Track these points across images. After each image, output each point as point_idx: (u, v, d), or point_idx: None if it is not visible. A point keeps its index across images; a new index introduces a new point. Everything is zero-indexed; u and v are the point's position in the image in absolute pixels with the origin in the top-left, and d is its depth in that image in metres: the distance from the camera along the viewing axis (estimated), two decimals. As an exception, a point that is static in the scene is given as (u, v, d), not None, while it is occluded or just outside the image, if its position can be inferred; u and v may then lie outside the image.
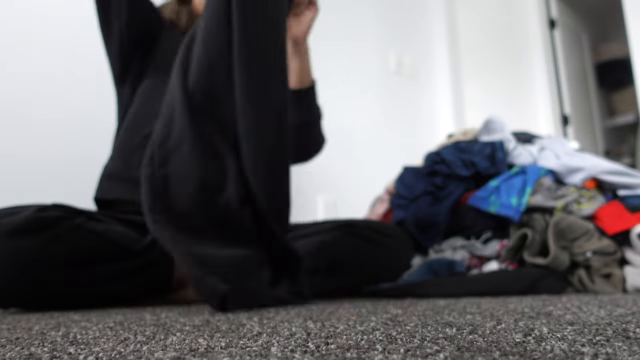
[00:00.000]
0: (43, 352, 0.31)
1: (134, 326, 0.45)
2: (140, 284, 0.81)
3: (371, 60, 2.17)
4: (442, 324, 0.40)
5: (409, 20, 2.40)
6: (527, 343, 0.30)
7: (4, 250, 0.68)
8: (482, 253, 0.98)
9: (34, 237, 0.70)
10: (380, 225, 1.00)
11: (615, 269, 0.86)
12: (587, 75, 2.96)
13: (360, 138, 2.02)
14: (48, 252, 0.71)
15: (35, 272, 0.70)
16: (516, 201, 0.96)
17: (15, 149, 1.22)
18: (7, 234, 0.69)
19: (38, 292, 0.71)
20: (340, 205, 1.86)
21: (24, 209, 0.73)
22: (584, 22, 3.05)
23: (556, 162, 1.04)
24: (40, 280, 0.71)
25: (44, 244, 0.71)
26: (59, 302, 0.74)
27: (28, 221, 0.70)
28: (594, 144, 2.83)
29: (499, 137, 1.14)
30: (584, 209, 0.94)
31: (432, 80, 2.44)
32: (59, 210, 0.76)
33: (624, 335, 0.32)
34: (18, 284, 0.70)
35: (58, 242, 0.72)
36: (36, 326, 0.48)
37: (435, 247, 1.05)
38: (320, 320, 0.45)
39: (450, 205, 1.06)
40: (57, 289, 0.73)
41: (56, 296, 0.73)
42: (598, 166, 1.00)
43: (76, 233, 0.74)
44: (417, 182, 1.15)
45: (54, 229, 0.72)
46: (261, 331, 0.38)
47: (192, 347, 0.32)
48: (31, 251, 0.70)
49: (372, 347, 0.30)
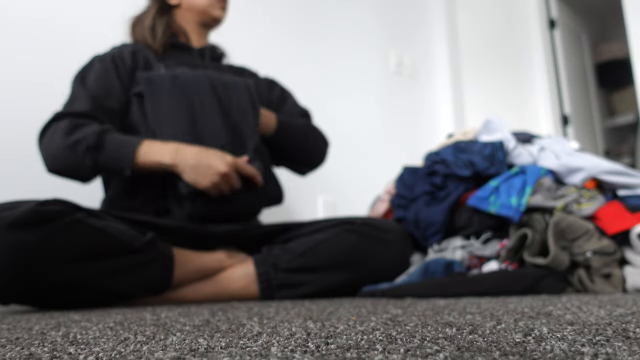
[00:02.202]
0: (43, 352, 0.31)
1: (134, 326, 0.45)
2: (140, 281, 0.81)
3: (371, 60, 2.17)
4: (442, 324, 0.40)
5: (409, 20, 2.40)
6: (527, 343, 0.30)
7: (4, 244, 0.68)
8: (481, 253, 0.98)
9: (34, 230, 0.70)
10: (379, 221, 1.01)
11: (615, 269, 0.86)
12: (587, 75, 2.97)
13: (360, 138, 2.02)
14: (48, 247, 0.71)
15: (35, 266, 0.70)
16: (516, 201, 0.96)
17: (16, 148, 1.22)
18: (7, 228, 0.68)
19: (37, 286, 0.71)
20: (340, 205, 1.86)
21: (24, 203, 0.73)
22: (584, 22, 3.05)
23: (556, 162, 1.04)
24: (40, 274, 0.71)
25: (43, 238, 0.71)
26: (58, 297, 0.74)
27: (28, 215, 0.70)
28: (594, 144, 2.83)
29: (499, 137, 1.14)
30: (584, 209, 0.94)
31: (432, 80, 2.44)
32: (59, 204, 0.76)
33: (624, 335, 0.32)
34: (17, 278, 0.69)
35: (58, 237, 0.72)
36: (36, 326, 0.48)
37: (434, 247, 1.05)
38: (320, 320, 0.45)
39: (450, 205, 1.06)
40: (56, 284, 0.72)
41: (55, 291, 0.73)
42: (598, 166, 1.00)
43: (76, 228, 0.74)
44: (416, 182, 1.15)
45: (54, 223, 0.72)
46: (261, 331, 0.38)
47: (192, 347, 0.32)
48: (31, 245, 0.69)
49: (372, 347, 0.30)
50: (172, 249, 0.86)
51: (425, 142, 2.22)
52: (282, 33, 1.85)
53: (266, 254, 0.92)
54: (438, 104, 2.43)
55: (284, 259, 0.91)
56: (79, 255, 0.74)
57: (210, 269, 0.91)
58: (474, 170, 1.07)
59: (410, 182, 1.16)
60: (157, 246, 0.83)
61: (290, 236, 0.99)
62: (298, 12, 1.93)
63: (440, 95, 2.44)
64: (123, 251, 0.78)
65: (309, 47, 1.91)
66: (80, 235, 0.75)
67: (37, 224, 0.71)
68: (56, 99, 1.06)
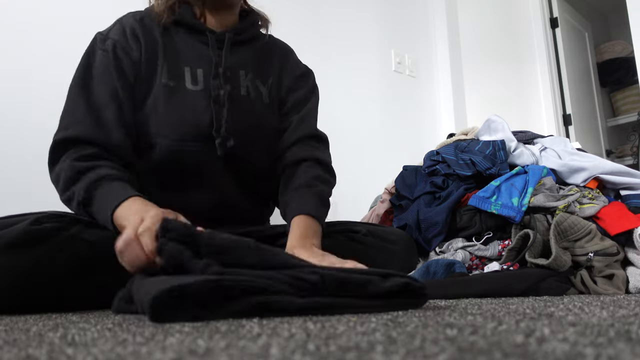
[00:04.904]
0: (41, 354, 0.31)
1: (133, 327, 0.45)
2: None
3: (372, 59, 2.17)
4: (443, 325, 0.40)
5: (410, 19, 2.40)
6: (529, 344, 0.29)
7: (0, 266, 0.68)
8: (483, 254, 0.98)
9: (29, 252, 0.69)
10: (384, 231, 0.98)
11: (617, 270, 0.85)
12: (590, 75, 2.96)
13: (360, 137, 2.02)
14: (43, 267, 0.70)
15: (30, 287, 0.70)
16: (517, 201, 0.95)
17: (15, 148, 1.23)
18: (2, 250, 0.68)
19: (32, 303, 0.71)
20: (340, 205, 1.86)
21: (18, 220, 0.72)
22: (587, 21, 3.04)
23: (558, 162, 1.04)
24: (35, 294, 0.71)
25: (38, 259, 0.70)
26: (52, 307, 0.74)
27: (21, 236, 0.69)
28: (596, 143, 2.82)
29: (500, 136, 1.13)
30: (586, 209, 0.93)
31: (433, 79, 2.43)
32: (54, 220, 0.74)
33: (627, 336, 0.31)
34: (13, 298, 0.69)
35: (53, 257, 0.71)
36: (34, 327, 0.47)
37: (436, 249, 1.05)
38: (320, 321, 0.45)
39: (451, 205, 1.05)
40: (52, 300, 0.73)
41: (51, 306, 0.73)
42: (600, 166, 1.00)
43: (71, 244, 0.73)
44: (417, 181, 1.15)
45: (48, 242, 0.71)
46: (261, 332, 0.38)
47: (191, 348, 0.31)
48: (26, 267, 0.69)
49: (373, 348, 0.29)
50: None
51: (425, 141, 2.22)
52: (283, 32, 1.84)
53: None
54: (439, 103, 2.42)
55: None
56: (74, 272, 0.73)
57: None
58: (475, 170, 1.07)
59: (410, 182, 1.16)
60: None
61: None
62: (299, 10, 1.93)
63: (441, 95, 2.43)
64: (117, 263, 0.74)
65: (309, 47, 1.91)
66: (75, 252, 0.73)
67: (32, 245, 0.70)
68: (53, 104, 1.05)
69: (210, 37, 0.93)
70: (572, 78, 2.57)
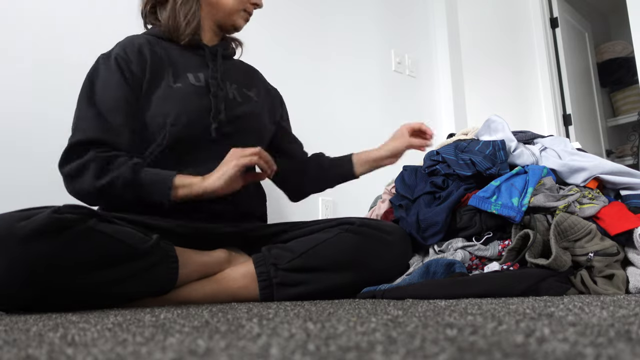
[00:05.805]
0: (41, 354, 0.31)
1: (133, 327, 0.45)
2: (147, 283, 0.81)
3: (372, 59, 2.17)
4: (443, 325, 0.40)
5: (410, 19, 2.40)
6: (529, 344, 0.29)
7: (19, 256, 0.68)
8: (483, 254, 0.98)
9: (50, 240, 0.70)
10: (378, 222, 1.02)
11: (618, 270, 0.85)
12: (590, 75, 2.95)
13: (360, 137, 2.01)
14: (62, 257, 0.71)
15: (48, 276, 0.70)
16: (517, 201, 0.95)
17: (15, 148, 1.22)
18: (24, 239, 0.68)
19: (47, 294, 0.71)
20: (340, 205, 1.86)
21: (37, 211, 0.73)
22: (587, 21, 3.04)
23: (558, 162, 1.04)
24: (53, 284, 0.71)
25: (58, 249, 0.71)
26: (65, 302, 0.74)
27: (44, 224, 0.70)
28: (596, 143, 2.82)
29: (500, 136, 1.13)
30: (586, 209, 0.93)
31: (433, 79, 2.43)
32: (73, 211, 0.76)
33: (627, 336, 0.31)
34: (30, 287, 0.70)
35: (71, 247, 0.72)
36: (34, 327, 0.47)
37: (435, 248, 1.04)
38: (320, 321, 0.45)
39: (451, 205, 1.05)
40: (68, 291, 0.73)
41: (64, 297, 0.73)
42: (600, 166, 1.00)
43: (89, 236, 0.75)
44: (417, 181, 1.15)
45: (68, 232, 0.72)
46: (260, 332, 0.38)
47: (191, 348, 0.31)
48: (46, 256, 0.70)
49: (373, 348, 0.29)
50: (174, 249, 0.86)
51: (426, 142, 2.21)
52: (283, 31, 1.84)
53: (266, 254, 0.92)
54: (439, 103, 2.42)
55: (284, 259, 0.91)
56: (91, 262, 0.75)
57: (211, 268, 0.90)
58: (475, 170, 1.06)
59: (410, 182, 1.16)
60: (162, 247, 0.84)
61: (290, 236, 0.99)
62: (299, 10, 1.93)
63: (441, 94, 2.43)
64: (131, 255, 0.79)
65: (309, 47, 1.91)
66: (93, 244, 0.75)
67: (53, 233, 0.71)
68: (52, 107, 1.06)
69: (207, 50, 1.08)
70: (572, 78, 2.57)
